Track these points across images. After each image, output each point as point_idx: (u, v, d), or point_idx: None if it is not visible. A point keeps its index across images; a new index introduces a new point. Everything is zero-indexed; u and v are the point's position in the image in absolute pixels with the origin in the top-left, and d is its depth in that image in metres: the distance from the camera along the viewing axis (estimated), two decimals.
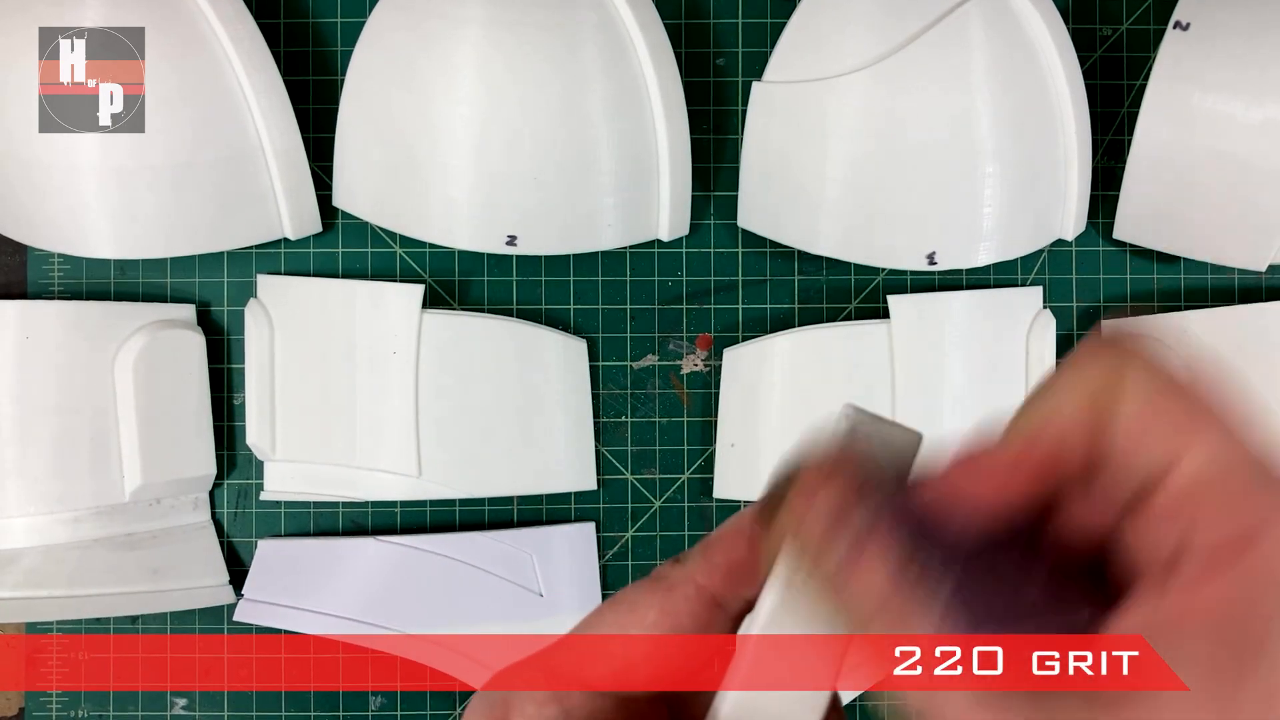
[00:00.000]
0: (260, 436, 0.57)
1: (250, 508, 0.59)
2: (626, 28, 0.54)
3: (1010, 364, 0.56)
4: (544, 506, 0.59)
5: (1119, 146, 0.59)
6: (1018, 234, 0.55)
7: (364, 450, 0.57)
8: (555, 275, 0.59)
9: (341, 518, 0.59)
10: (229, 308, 0.59)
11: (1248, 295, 0.58)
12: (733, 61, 0.59)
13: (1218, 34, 0.51)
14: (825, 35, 0.53)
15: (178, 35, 0.52)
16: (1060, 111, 0.54)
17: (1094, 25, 0.59)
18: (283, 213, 0.55)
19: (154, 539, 0.57)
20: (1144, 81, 0.54)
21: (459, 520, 0.59)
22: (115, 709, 0.58)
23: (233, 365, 0.59)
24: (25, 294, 0.59)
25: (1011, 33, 0.53)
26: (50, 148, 0.52)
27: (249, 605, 0.57)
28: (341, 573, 0.57)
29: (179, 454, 0.57)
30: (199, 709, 0.59)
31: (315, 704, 0.58)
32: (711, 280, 0.59)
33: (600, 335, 0.59)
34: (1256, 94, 0.51)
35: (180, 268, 0.59)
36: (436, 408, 0.56)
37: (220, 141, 0.53)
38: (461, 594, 0.57)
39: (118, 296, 0.59)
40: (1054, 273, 0.59)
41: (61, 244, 0.54)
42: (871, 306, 0.59)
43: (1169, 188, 0.53)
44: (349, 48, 0.56)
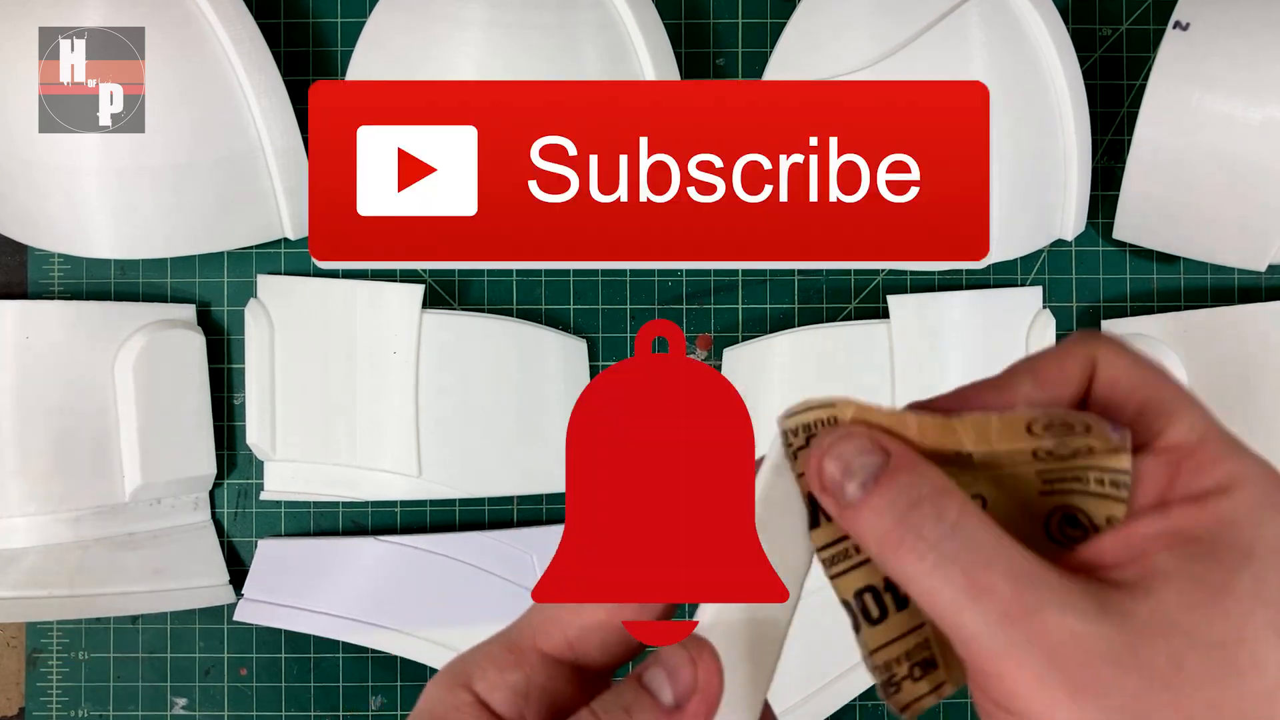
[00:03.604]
0: (260, 436, 0.57)
1: (250, 508, 0.59)
2: (627, 28, 0.54)
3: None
4: (544, 506, 0.59)
5: (1119, 146, 0.59)
6: (1017, 234, 0.55)
7: (364, 450, 0.57)
8: (555, 275, 0.59)
9: (341, 518, 0.59)
10: (229, 308, 0.59)
11: (1248, 295, 0.58)
12: (733, 61, 0.59)
13: (1218, 34, 0.51)
14: (825, 35, 0.53)
15: (178, 35, 0.52)
16: (1060, 111, 0.54)
17: (1094, 25, 0.59)
18: (283, 213, 0.55)
19: (154, 539, 0.57)
20: (1144, 81, 0.54)
21: (459, 520, 0.59)
22: (115, 709, 0.58)
23: (233, 365, 0.59)
24: (25, 294, 0.59)
25: (1011, 33, 0.53)
26: (50, 148, 0.52)
27: (249, 605, 0.57)
28: (341, 573, 0.57)
29: (179, 454, 0.57)
30: (199, 709, 0.59)
31: (315, 704, 0.59)
32: (711, 280, 0.59)
33: (600, 335, 0.59)
34: (1256, 94, 0.51)
35: (180, 268, 0.59)
36: (436, 408, 0.56)
37: (220, 141, 0.53)
38: (462, 594, 0.57)
39: (118, 296, 0.59)
40: (1054, 273, 0.59)
41: (61, 244, 0.54)
42: (871, 306, 0.59)
43: (1169, 188, 0.53)
44: (349, 48, 0.56)
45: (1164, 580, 0.21)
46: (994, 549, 0.22)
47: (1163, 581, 0.21)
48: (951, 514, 0.22)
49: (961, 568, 0.21)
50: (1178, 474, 0.23)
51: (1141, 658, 0.20)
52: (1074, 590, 0.21)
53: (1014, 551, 0.22)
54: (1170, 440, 0.23)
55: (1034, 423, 0.23)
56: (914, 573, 0.22)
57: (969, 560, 0.21)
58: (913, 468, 0.23)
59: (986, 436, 0.23)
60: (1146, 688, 0.20)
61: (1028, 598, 0.21)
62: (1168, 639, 0.20)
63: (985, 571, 0.21)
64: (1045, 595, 0.21)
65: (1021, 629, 0.21)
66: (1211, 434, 0.23)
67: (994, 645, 0.21)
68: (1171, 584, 0.21)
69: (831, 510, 0.24)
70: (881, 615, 0.24)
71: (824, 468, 0.23)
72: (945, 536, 0.22)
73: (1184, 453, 0.23)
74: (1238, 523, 0.22)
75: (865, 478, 0.23)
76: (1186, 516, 0.22)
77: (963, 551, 0.21)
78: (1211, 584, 0.21)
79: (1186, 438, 0.23)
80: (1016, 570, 0.21)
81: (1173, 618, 0.21)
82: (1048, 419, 0.23)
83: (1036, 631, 0.21)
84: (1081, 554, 0.23)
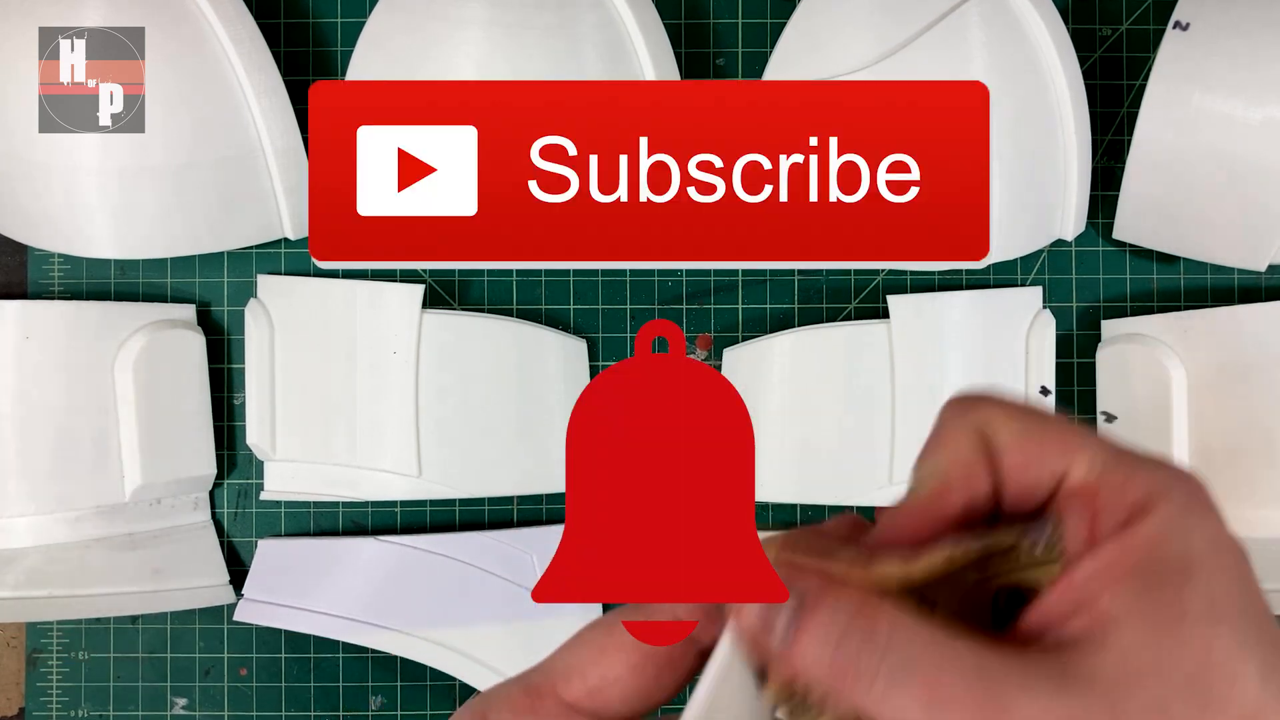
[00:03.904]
0: (260, 436, 0.57)
1: (250, 508, 0.59)
2: (626, 28, 0.54)
3: (1010, 364, 0.56)
4: (544, 506, 0.59)
5: (1119, 146, 0.59)
6: (1017, 234, 0.55)
7: (364, 450, 0.57)
8: (555, 275, 0.59)
9: (341, 518, 0.59)
10: (229, 308, 0.59)
11: (1248, 295, 0.58)
12: (733, 61, 0.59)
13: (1218, 34, 0.51)
14: (825, 35, 0.53)
15: (178, 35, 0.52)
16: (1060, 111, 0.54)
17: (1094, 25, 0.59)
18: (283, 213, 0.55)
19: (154, 539, 0.57)
20: (1144, 81, 0.54)
21: (459, 520, 0.59)
22: (115, 709, 0.58)
23: (233, 365, 0.59)
24: (25, 294, 0.59)
25: (1011, 33, 0.53)
26: (50, 148, 0.52)
27: (249, 605, 0.57)
28: (341, 573, 0.57)
29: (179, 454, 0.57)
30: (199, 709, 0.59)
31: (315, 704, 0.59)
32: (711, 280, 0.59)
33: (600, 335, 0.59)
34: (1256, 94, 0.51)
35: (180, 268, 0.59)
36: (436, 408, 0.56)
37: (220, 141, 0.53)
38: (462, 594, 0.57)
39: (118, 296, 0.59)
40: (1054, 273, 0.59)
41: (61, 244, 0.54)
42: (871, 306, 0.59)
43: (1169, 188, 0.53)
44: (349, 48, 0.56)
45: (1116, 625, 0.20)
46: (940, 653, 0.21)
47: (1116, 627, 0.20)
48: (883, 631, 0.21)
49: (913, 684, 0.20)
50: (1096, 511, 0.22)
51: (1121, 716, 0.20)
52: (1033, 669, 0.20)
53: (960, 649, 0.21)
54: (1075, 480, 0.22)
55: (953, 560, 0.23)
56: (870, 702, 0.21)
57: (918, 674, 0.20)
58: (831, 592, 0.22)
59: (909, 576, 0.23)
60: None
61: (991, 693, 0.20)
62: (1142, 687, 0.20)
63: (939, 680, 0.20)
64: (1007, 685, 0.20)
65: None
66: (1116, 460, 0.22)
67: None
68: (1125, 628, 0.20)
69: (771, 660, 0.23)
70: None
71: (745, 618, 0.23)
72: (883, 659, 0.21)
73: (1094, 488, 0.22)
74: (1167, 539, 0.21)
75: (788, 618, 0.22)
76: (1117, 549, 0.21)
77: (907, 667, 0.21)
78: (1163, 616, 0.20)
79: (1090, 472, 0.22)
80: (969, 668, 0.20)
81: (1138, 664, 0.20)
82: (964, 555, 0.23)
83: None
84: (1030, 619, 0.22)
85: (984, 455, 0.23)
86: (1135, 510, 0.21)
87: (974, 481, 0.23)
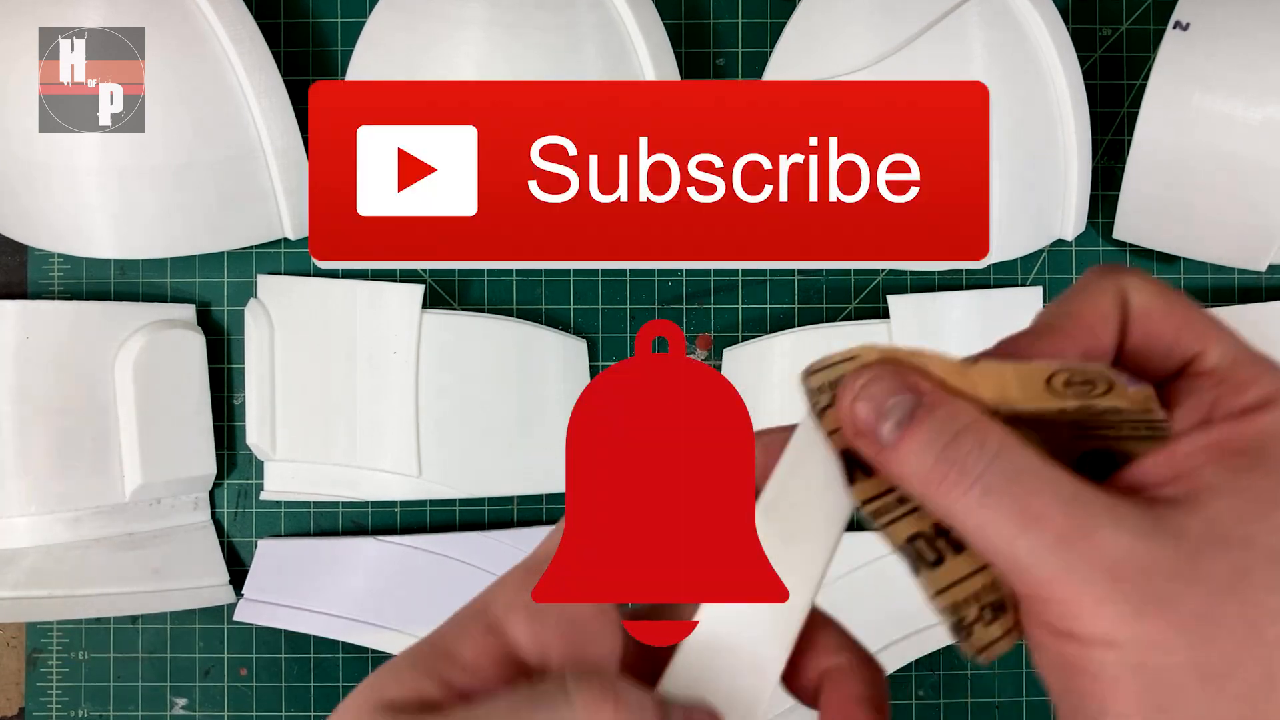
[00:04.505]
0: (260, 436, 0.57)
1: (250, 508, 0.59)
2: (626, 28, 0.54)
3: None
4: (544, 506, 0.59)
5: (1119, 146, 0.59)
6: (1017, 234, 0.55)
7: (364, 450, 0.57)
8: (555, 275, 0.59)
9: (341, 518, 0.59)
10: (229, 308, 0.59)
11: (1248, 295, 0.58)
12: (733, 61, 0.59)
13: (1218, 34, 0.51)
14: (825, 35, 0.53)
15: (178, 35, 0.52)
16: (1060, 111, 0.54)
17: (1094, 25, 0.59)
18: (283, 213, 0.55)
19: (154, 539, 0.57)
20: (1144, 81, 0.54)
21: (459, 520, 0.59)
22: (115, 709, 0.58)
23: (233, 365, 0.59)
24: (25, 294, 0.59)
25: (1011, 33, 0.53)
26: (50, 148, 0.52)
27: (249, 605, 0.57)
28: (341, 573, 0.57)
29: (179, 454, 0.57)
30: (199, 709, 0.59)
31: (315, 704, 0.59)
32: (711, 280, 0.59)
33: (600, 335, 0.59)
34: (1256, 94, 0.51)
35: (180, 268, 0.59)
36: (436, 408, 0.56)
37: (220, 141, 0.53)
38: (462, 594, 0.56)
39: (118, 296, 0.59)
40: (1054, 273, 0.59)
41: (61, 244, 0.54)
42: (871, 306, 0.59)
43: (1169, 188, 0.53)
44: (349, 48, 0.56)
45: (1213, 494, 0.21)
46: (1040, 475, 0.21)
47: (1212, 495, 0.21)
48: (993, 444, 0.22)
49: (1009, 496, 0.21)
50: (1218, 396, 0.23)
51: (1203, 570, 0.20)
52: (1126, 509, 0.21)
53: (1061, 476, 0.21)
54: (1207, 364, 0.23)
55: (1054, 377, 0.23)
56: (961, 508, 0.21)
57: (1016, 488, 0.21)
58: (948, 402, 0.22)
59: (1004, 390, 0.23)
60: (1211, 599, 0.20)
61: (1080, 520, 0.21)
62: (1227, 550, 0.20)
63: (1034, 498, 0.21)
64: (1098, 516, 0.21)
65: (1078, 551, 0.20)
66: (1246, 356, 0.23)
67: (1050, 570, 0.20)
68: (1221, 497, 0.21)
69: (869, 455, 0.23)
70: (938, 560, 0.23)
71: (856, 412, 0.23)
72: (989, 467, 0.21)
73: (1222, 375, 0.23)
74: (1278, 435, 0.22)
75: (900, 416, 0.22)
76: (1229, 431, 0.22)
77: (1008, 480, 0.21)
78: (1261, 496, 0.21)
79: (1223, 360, 0.23)
80: (1065, 494, 0.21)
81: (1227, 529, 0.21)
82: (1067, 374, 0.22)
83: (1093, 552, 0.20)
84: (1125, 477, 0.22)
85: (1119, 314, 0.24)
86: (1255, 404, 0.22)
87: (1101, 331, 0.24)
